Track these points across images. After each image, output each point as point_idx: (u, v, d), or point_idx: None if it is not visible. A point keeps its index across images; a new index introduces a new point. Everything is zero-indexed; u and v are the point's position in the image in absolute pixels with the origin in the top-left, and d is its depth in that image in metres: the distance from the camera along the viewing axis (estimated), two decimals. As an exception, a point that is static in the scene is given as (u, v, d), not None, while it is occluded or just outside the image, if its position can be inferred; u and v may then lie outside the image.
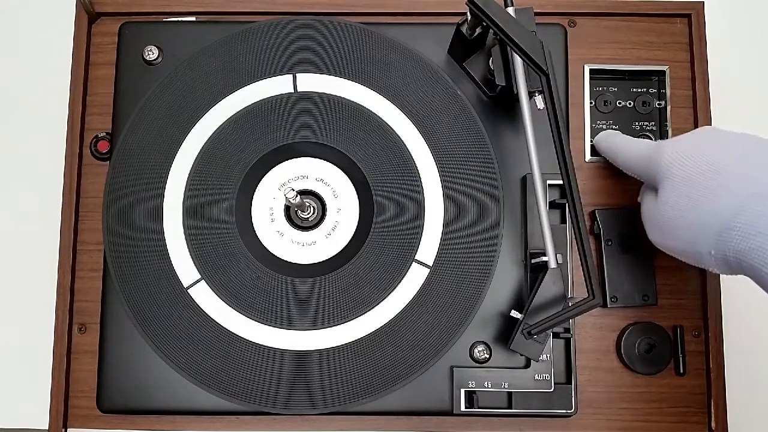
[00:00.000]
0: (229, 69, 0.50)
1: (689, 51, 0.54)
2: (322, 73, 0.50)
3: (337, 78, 0.50)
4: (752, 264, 0.38)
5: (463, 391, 0.48)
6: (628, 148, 0.48)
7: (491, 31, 0.47)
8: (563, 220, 0.50)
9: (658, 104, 0.54)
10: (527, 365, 0.49)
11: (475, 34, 0.48)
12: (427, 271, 0.48)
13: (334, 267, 0.48)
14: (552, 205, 0.50)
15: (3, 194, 0.61)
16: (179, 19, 0.54)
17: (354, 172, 0.50)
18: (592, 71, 0.54)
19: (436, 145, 0.49)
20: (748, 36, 0.64)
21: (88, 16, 0.53)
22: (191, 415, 0.49)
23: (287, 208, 0.50)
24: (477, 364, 0.49)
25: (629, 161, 0.48)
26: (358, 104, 0.50)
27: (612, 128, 0.53)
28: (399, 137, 0.49)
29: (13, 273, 0.59)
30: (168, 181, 0.49)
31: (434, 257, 0.48)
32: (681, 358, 0.50)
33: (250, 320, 0.48)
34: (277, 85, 0.50)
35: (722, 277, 0.52)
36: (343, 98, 0.50)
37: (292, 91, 0.50)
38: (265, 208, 0.50)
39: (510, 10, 0.46)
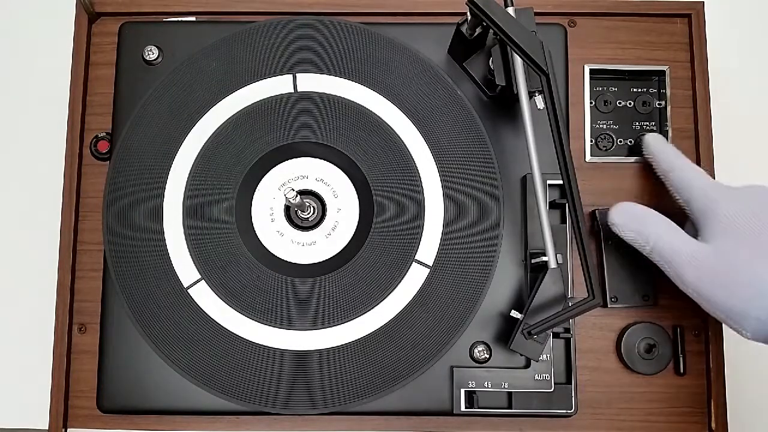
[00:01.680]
0: (229, 69, 0.50)
1: (689, 51, 0.54)
2: (322, 73, 0.50)
3: (337, 78, 0.50)
4: None
5: (463, 391, 0.48)
6: (685, 174, 0.47)
7: (491, 31, 0.47)
8: (563, 220, 0.50)
9: (658, 104, 0.54)
10: (527, 365, 0.48)
11: (475, 34, 0.48)
12: (427, 271, 0.48)
13: (334, 267, 0.48)
14: (552, 205, 0.50)
15: (3, 194, 0.61)
16: (179, 19, 0.54)
17: (354, 172, 0.50)
18: (592, 71, 0.54)
19: (436, 145, 0.49)
20: (748, 36, 0.64)
21: (88, 16, 0.53)
22: (191, 415, 0.49)
23: (287, 208, 0.50)
24: (477, 364, 0.49)
25: (680, 185, 0.47)
26: (358, 104, 0.50)
27: (612, 128, 0.53)
28: (399, 137, 0.49)
29: (13, 273, 0.59)
30: (168, 181, 0.49)
31: (434, 257, 0.48)
32: (681, 358, 0.50)
33: (250, 320, 0.48)
34: (277, 85, 0.50)
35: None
36: (343, 98, 0.50)
37: (292, 91, 0.50)
38: (265, 208, 0.50)
39: (510, 10, 0.46)
